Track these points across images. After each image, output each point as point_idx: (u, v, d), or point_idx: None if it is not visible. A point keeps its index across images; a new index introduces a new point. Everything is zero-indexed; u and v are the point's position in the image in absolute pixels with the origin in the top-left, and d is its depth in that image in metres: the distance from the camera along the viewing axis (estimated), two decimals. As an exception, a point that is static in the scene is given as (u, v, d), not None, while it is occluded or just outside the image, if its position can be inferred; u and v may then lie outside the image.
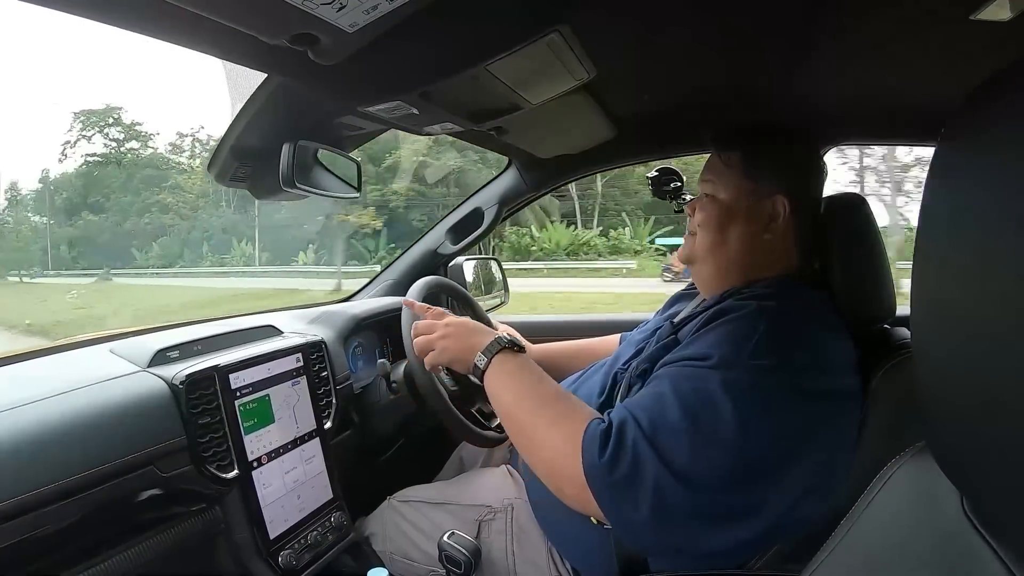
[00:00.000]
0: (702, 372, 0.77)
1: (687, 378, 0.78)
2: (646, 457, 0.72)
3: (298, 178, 1.02)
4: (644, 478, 0.71)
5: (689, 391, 0.75)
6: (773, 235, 0.94)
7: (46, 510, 0.74)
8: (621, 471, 0.72)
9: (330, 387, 1.20)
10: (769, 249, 0.95)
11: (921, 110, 1.20)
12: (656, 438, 0.73)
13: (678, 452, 0.72)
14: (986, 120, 0.37)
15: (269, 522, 1.02)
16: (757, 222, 0.95)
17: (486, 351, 0.93)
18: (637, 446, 0.73)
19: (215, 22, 0.60)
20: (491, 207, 1.75)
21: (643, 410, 0.76)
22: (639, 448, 0.73)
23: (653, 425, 0.74)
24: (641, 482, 0.71)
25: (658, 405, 0.76)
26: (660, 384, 0.79)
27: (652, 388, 0.80)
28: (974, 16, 0.78)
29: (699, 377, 0.76)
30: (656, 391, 0.78)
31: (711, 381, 0.75)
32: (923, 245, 0.41)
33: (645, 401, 0.78)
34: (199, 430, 0.93)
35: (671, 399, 0.75)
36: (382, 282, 1.82)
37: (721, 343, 0.79)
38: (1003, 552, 0.36)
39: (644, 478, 0.71)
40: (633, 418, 0.75)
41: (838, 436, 0.80)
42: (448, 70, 0.85)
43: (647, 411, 0.76)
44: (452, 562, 0.92)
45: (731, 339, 0.79)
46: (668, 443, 0.72)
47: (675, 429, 0.73)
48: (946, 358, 0.40)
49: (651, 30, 0.92)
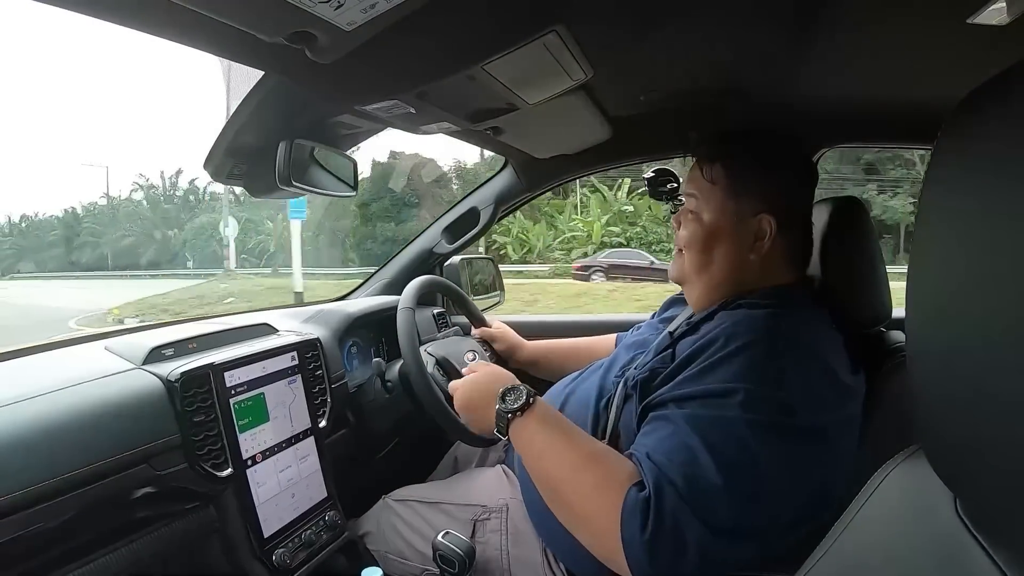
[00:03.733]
0: (730, 416, 0.74)
1: (715, 425, 0.74)
2: (688, 524, 0.69)
3: (294, 176, 1.02)
4: (688, 547, 0.69)
5: (722, 442, 0.73)
6: (759, 255, 0.93)
7: (40, 508, 0.74)
8: (664, 546, 0.69)
9: (325, 386, 1.20)
10: (757, 266, 0.94)
11: (917, 113, 1.20)
12: (695, 501, 0.70)
13: (720, 512, 0.70)
14: (982, 123, 0.37)
15: (263, 521, 1.01)
16: (742, 242, 0.94)
17: (498, 430, 0.90)
18: (678, 515, 0.70)
19: (213, 19, 0.60)
20: (487, 206, 1.74)
21: (676, 469, 0.72)
22: (680, 517, 0.70)
23: (690, 486, 0.71)
24: (685, 551, 0.69)
25: (692, 464, 0.72)
26: (687, 435, 0.75)
27: (678, 439, 0.76)
28: (971, 20, 0.79)
29: (729, 423, 0.74)
30: (686, 444, 0.74)
31: (742, 427, 0.73)
32: (919, 248, 0.41)
33: (676, 459, 0.73)
34: (193, 428, 0.93)
35: (706, 455, 0.72)
36: (377, 281, 1.82)
37: (740, 375, 0.77)
38: (996, 553, 0.37)
39: (688, 547, 0.69)
40: (669, 482, 0.71)
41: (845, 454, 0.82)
42: (445, 69, 0.85)
43: (680, 470, 0.72)
44: (446, 562, 0.92)
45: (749, 371, 0.77)
46: (708, 504, 0.70)
47: (713, 488, 0.70)
48: (940, 361, 0.40)
49: (648, 31, 0.92)
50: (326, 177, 1.17)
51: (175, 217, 36.19)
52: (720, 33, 0.95)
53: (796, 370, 0.78)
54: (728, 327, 0.84)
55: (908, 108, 1.24)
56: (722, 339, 0.82)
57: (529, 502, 1.02)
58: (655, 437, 0.79)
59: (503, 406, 0.89)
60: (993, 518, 0.38)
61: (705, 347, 0.83)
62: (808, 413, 0.76)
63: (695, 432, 0.74)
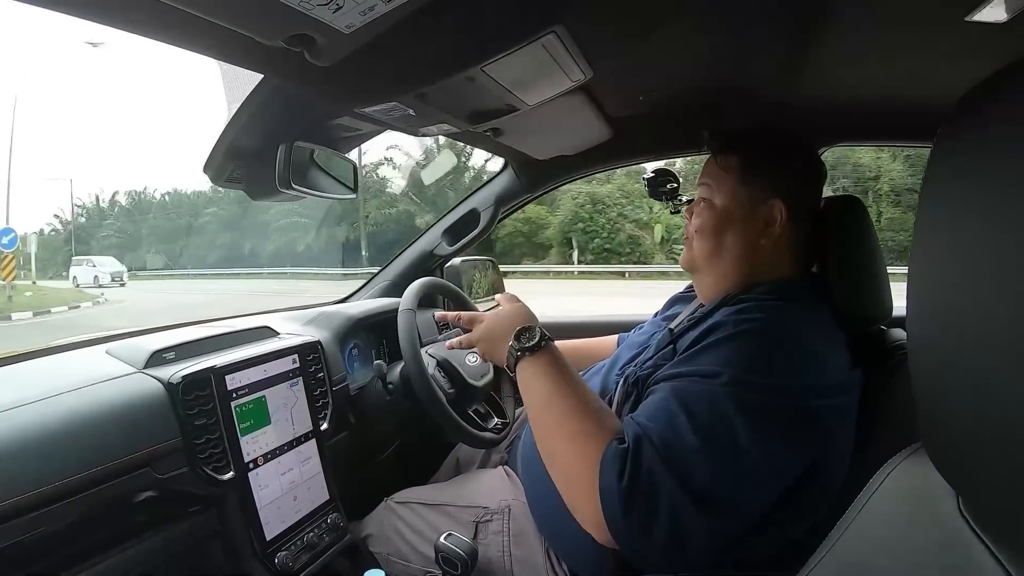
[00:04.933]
0: (714, 390, 0.75)
1: (699, 397, 0.76)
2: (662, 482, 0.70)
3: (294, 179, 1.02)
4: (660, 505, 0.70)
5: (704, 411, 0.74)
6: (770, 240, 0.94)
7: (42, 511, 0.74)
8: (637, 497, 0.70)
9: (326, 388, 1.20)
10: (766, 254, 0.95)
11: (918, 111, 1.20)
12: (672, 461, 0.71)
13: (696, 476, 0.71)
14: (982, 121, 0.37)
15: (265, 523, 1.01)
16: (754, 227, 0.95)
17: (508, 363, 0.92)
18: (653, 468, 0.71)
19: (212, 23, 0.60)
20: (487, 208, 1.75)
21: (655, 428, 0.74)
22: (655, 470, 0.71)
23: (666, 444, 0.72)
24: (657, 509, 0.70)
25: (671, 425, 0.74)
26: (670, 401, 0.77)
27: (662, 404, 0.78)
28: (970, 17, 0.79)
29: (712, 397, 0.75)
30: (667, 408, 0.76)
31: (725, 401, 0.74)
32: (920, 246, 0.41)
33: (658, 421, 0.75)
34: (195, 431, 0.93)
35: (684, 419, 0.74)
36: (378, 283, 1.81)
37: (731, 360, 0.78)
38: (999, 551, 0.36)
39: (660, 505, 0.70)
40: (648, 438, 0.73)
41: (840, 449, 0.82)
42: (444, 71, 0.85)
43: (659, 429, 0.74)
44: (449, 563, 0.92)
45: (740, 356, 0.78)
46: (685, 466, 0.71)
47: (692, 452, 0.71)
48: (942, 359, 0.40)
49: (647, 32, 0.92)
50: (326, 180, 1.17)
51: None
52: (719, 34, 0.96)
53: (787, 362, 0.79)
54: (729, 317, 0.85)
55: (908, 107, 1.24)
56: (720, 327, 0.83)
57: (531, 503, 1.02)
58: (643, 405, 0.82)
59: (516, 343, 0.90)
60: (996, 516, 0.38)
61: (704, 335, 0.85)
62: (794, 397, 0.76)
63: (677, 400, 0.76)
